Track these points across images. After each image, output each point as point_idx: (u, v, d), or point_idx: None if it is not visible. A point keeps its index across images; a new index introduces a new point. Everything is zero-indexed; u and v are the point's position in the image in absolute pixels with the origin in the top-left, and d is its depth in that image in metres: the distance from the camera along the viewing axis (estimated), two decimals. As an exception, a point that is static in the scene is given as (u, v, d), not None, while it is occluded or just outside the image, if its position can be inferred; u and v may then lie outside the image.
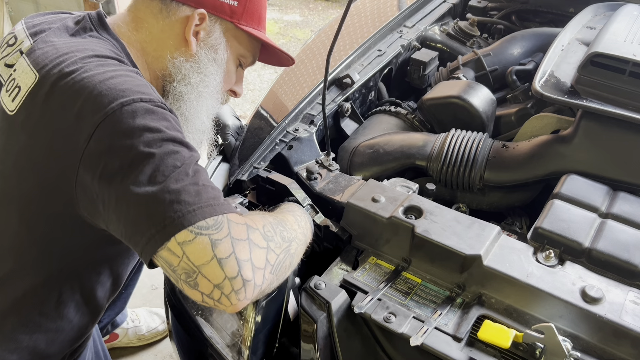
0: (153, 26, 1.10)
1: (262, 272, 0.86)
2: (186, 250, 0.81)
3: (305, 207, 1.22)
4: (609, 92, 1.28)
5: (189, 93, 1.12)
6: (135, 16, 1.11)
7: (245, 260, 0.83)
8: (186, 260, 0.81)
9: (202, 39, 1.11)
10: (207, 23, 1.10)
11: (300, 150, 1.39)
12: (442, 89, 1.56)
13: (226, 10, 1.11)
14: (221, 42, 1.14)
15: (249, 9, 1.13)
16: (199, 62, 1.12)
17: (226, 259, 0.81)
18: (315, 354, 1.06)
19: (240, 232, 0.85)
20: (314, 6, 5.41)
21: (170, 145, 0.89)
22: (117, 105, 0.89)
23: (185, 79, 1.11)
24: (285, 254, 0.94)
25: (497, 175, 1.33)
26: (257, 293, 0.86)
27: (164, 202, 0.83)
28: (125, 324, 2.09)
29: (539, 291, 0.98)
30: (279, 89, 1.69)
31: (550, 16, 2.06)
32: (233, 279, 0.81)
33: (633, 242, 1.06)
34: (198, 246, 0.81)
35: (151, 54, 1.11)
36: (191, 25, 1.09)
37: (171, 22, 1.09)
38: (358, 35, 1.83)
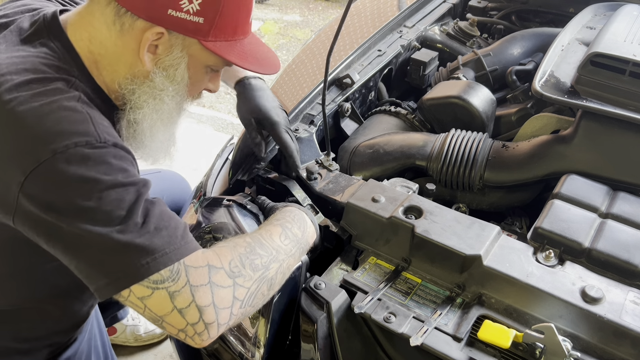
0: (106, 39, 0.96)
1: (229, 311, 0.87)
2: (146, 303, 0.83)
3: (305, 207, 1.22)
4: (609, 92, 1.28)
5: (142, 121, 1.02)
6: (89, 23, 0.97)
7: (207, 306, 0.84)
8: (149, 311, 0.84)
9: (160, 56, 0.98)
10: (167, 39, 0.95)
11: (300, 150, 1.39)
12: (442, 89, 1.56)
13: (189, 28, 0.94)
14: (182, 61, 1.00)
15: (220, 24, 0.96)
16: (155, 84, 1.00)
17: (186, 308, 0.83)
18: (315, 354, 1.07)
19: (200, 277, 0.85)
20: (314, 6, 5.41)
21: (112, 193, 0.84)
22: (49, 153, 0.83)
23: (138, 104, 1.01)
24: (260, 283, 0.93)
25: (497, 175, 1.33)
26: (225, 329, 0.88)
27: (113, 257, 0.82)
28: (125, 321, 2.09)
29: (539, 291, 0.98)
30: (279, 89, 1.69)
31: (550, 16, 2.06)
32: (195, 324, 0.84)
33: (633, 242, 1.06)
34: (157, 300, 0.83)
35: (106, 68, 0.99)
36: (145, 44, 0.95)
37: (125, 37, 0.95)
38: (358, 35, 1.83)
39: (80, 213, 0.82)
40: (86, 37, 0.97)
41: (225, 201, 1.25)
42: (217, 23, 0.95)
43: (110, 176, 0.85)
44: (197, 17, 0.93)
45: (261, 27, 4.89)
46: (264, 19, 5.05)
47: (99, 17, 0.95)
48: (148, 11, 0.91)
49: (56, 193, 0.83)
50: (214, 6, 0.93)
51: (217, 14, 0.94)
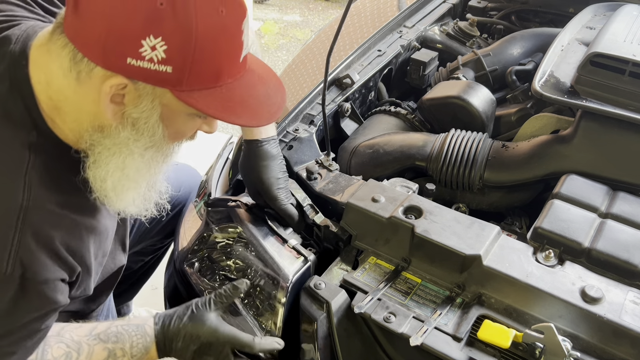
0: (64, 86, 0.84)
1: None
2: None
3: (305, 207, 1.22)
4: (609, 92, 1.28)
5: (105, 179, 0.90)
6: (46, 64, 0.85)
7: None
8: None
9: (126, 107, 0.84)
10: (132, 89, 0.82)
11: (300, 150, 1.39)
12: (442, 89, 1.56)
13: (155, 77, 0.80)
14: (154, 113, 0.86)
15: (195, 71, 0.80)
16: (119, 139, 0.87)
17: None
18: (315, 354, 1.07)
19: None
20: (314, 6, 5.41)
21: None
22: None
23: (99, 161, 0.89)
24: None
25: (497, 175, 1.33)
26: None
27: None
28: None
29: (539, 291, 0.98)
30: (279, 89, 1.69)
31: (550, 16, 2.06)
32: None
33: (633, 242, 1.06)
34: None
35: (68, 116, 0.87)
36: (106, 96, 0.82)
37: (83, 86, 0.83)
38: (358, 35, 1.83)
39: None
40: (44, 81, 0.86)
41: (230, 201, 1.25)
42: (190, 70, 0.80)
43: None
44: (163, 65, 0.78)
45: (261, 27, 4.89)
46: (264, 19, 5.05)
47: (55, 59, 0.83)
48: (105, 59, 0.79)
49: None
50: (184, 53, 0.78)
51: (189, 60, 0.79)
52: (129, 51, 0.77)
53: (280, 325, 1.11)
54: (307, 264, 1.13)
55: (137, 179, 0.94)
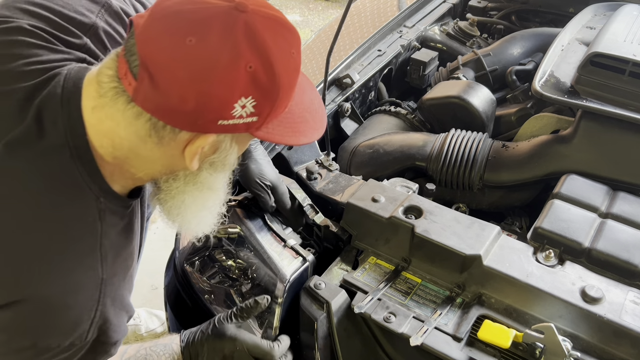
0: (139, 147, 0.84)
1: None
2: None
3: (305, 207, 1.22)
4: (609, 92, 1.28)
5: (184, 213, 0.94)
6: (112, 131, 0.83)
7: None
8: None
9: (206, 154, 0.87)
10: (215, 140, 0.84)
11: (300, 150, 1.39)
12: (442, 89, 1.56)
13: (241, 128, 0.82)
14: (233, 152, 0.89)
15: (274, 112, 0.83)
16: (201, 180, 0.91)
17: None
18: (315, 354, 1.07)
19: None
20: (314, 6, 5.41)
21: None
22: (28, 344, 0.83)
23: (185, 202, 0.92)
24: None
25: (497, 175, 1.33)
26: None
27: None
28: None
29: (539, 291, 0.98)
30: (279, 89, 1.68)
31: (550, 16, 2.06)
32: None
33: (633, 242, 1.06)
34: None
35: (138, 169, 0.88)
36: (194, 154, 0.83)
37: (164, 147, 0.83)
38: (358, 35, 1.83)
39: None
40: (108, 144, 0.84)
41: (230, 201, 1.25)
42: (272, 113, 0.83)
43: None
44: (250, 117, 0.81)
45: (261, 27, 4.89)
46: (264, 19, 5.04)
47: (126, 127, 0.82)
48: (194, 126, 0.79)
49: None
50: (270, 102, 0.81)
51: (273, 105, 0.82)
52: (221, 115, 0.78)
53: (277, 324, 1.10)
54: (305, 264, 1.13)
55: (215, 204, 0.98)
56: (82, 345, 0.88)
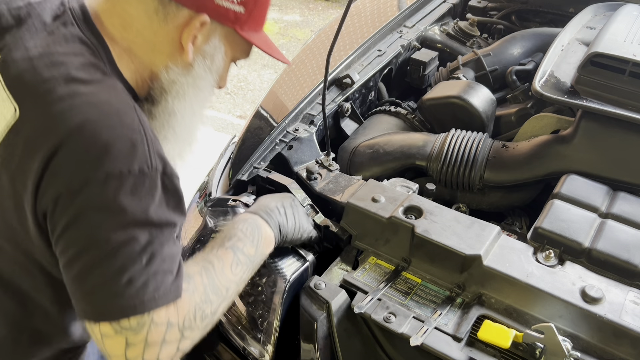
0: (146, 27, 0.93)
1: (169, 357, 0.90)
2: (105, 341, 0.87)
3: (305, 207, 1.22)
4: (609, 92, 1.28)
5: (183, 109, 1.01)
6: (123, 10, 0.93)
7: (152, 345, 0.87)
8: (102, 347, 0.88)
9: (198, 46, 0.96)
10: (207, 28, 0.95)
11: (300, 150, 1.39)
12: (442, 89, 1.56)
13: (230, 17, 0.95)
14: (220, 50, 0.99)
15: (255, 15, 0.97)
16: (195, 73, 0.99)
17: (133, 358, 0.87)
18: (315, 354, 1.07)
19: (157, 335, 0.87)
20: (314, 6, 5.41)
21: (138, 230, 0.84)
22: (101, 176, 0.81)
23: (180, 94, 0.99)
24: (204, 330, 0.95)
25: (497, 175, 1.33)
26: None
27: (103, 291, 0.84)
28: None
29: (539, 291, 0.98)
30: (279, 89, 1.69)
31: (550, 16, 2.06)
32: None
33: (633, 242, 1.06)
34: (114, 343, 0.86)
35: (140, 58, 0.96)
36: (190, 32, 0.93)
37: (168, 26, 0.92)
38: (358, 35, 1.83)
39: (101, 243, 0.82)
40: (119, 24, 0.93)
41: (230, 201, 1.25)
42: (253, 13, 0.97)
43: (148, 213, 0.84)
44: (239, 6, 0.94)
45: (261, 27, 4.89)
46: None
47: (137, 5, 0.92)
48: (195, 1, 0.91)
49: (92, 215, 0.82)
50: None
51: (256, 3, 0.96)
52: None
53: (277, 324, 1.10)
54: (305, 264, 1.13)
55: (202, 107, 1.05)
56: (153, 174, 0.86)
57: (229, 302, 0.99)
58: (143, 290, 0.84)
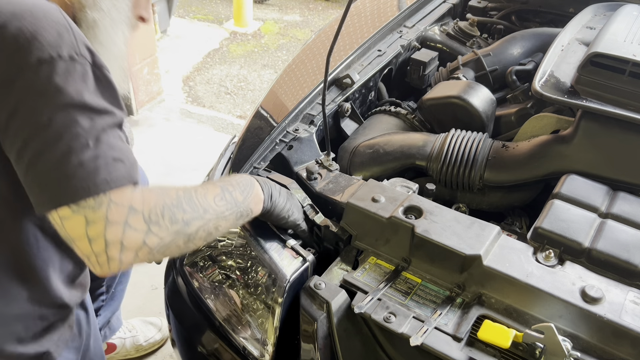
0: None
1: (134, 253, 0.89)
2: (65, 225, 0.87)
3: (305, 207, 1.22)
4: (609, 92, 1.28)
5: (102, 19, 1.03)
6: None
7: (113, 242, 0.87)
8: (63, 230, 0.88)
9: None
10: None
11: (300, 150, 1.39)
12: (442, 89, 1.56)
13: None
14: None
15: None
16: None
17: (95, 238, 0.87)
18: (315, 354, 1.07)
19: (118, 214, 0.87)
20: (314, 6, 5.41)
21: (77, 113, 0.86)
22: (33, 61, 0.84)
23: (96, 4, 1.02)
24: (176, 236, 0.93)
25: (497, 175, 1.33)
26: (127, 267, 0.91)
27: (55, 176, 0.85)
28: (123, 333, 2.07)
29: (539, 291, 0.98)
30: (279, 89, 1.69)
31: (550, 16, 2.06)
32: (98, 255, 0.87)
33: (633, 242, 1.06)
34: (73, 223, 0.87)
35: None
36: None
37: None
38: (358, 35, 1.83)
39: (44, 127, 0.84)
40: None
41: None
42: None
43: (84, 95, 0.87)
44: None
45: (261, 27, 4.89)
46: (264, 19, 5.05)
47: None
48: None
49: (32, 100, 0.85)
50: None
51: None
52: None
53: (277, 324, 1.10)
54: (305, 264, 1.13)
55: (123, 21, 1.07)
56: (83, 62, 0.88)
57: (206, 228, 0.98)
58: (95, 173, 0.86)
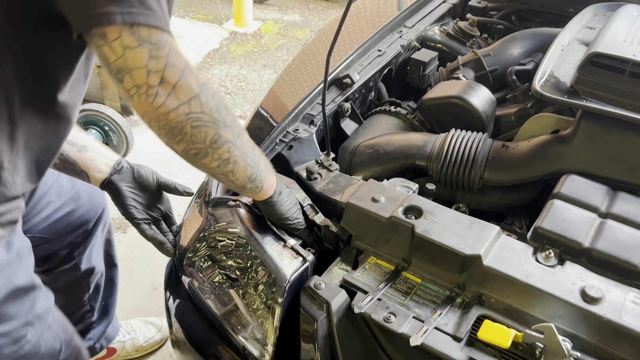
0: None
1: (178, 102, 0.89)
2: (127, 53, 0.86)
3: (305, 207, 1.22)
4: (609, 92, 1.28)
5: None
6: None
7: (169, 83, 0.88)
8: (123, 60, 0.86)
9: None
10: None
11: (300, 150, 1.39)
12: (442, 89, 1.56)
13: None
14: None
15: None
16: None
17: (154, 72, 0.87)
18: (315, 354, 1.07)
19: (178, 62, 0.89)
20: (314, 6, 5.41)
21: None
22: None
23: None
24: (212, 123, 0.94)
25: (497, 175, 1.33)
26: (162, 113, 0.90)
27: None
28: (122, 337, 2.07)
29: (539, 291, 0.98)
30: (279, 89, 1.69)
31: (550, 16, 2.06)
32: (150, 88, 0.88)
33: (633, 242, 1.06)
34: (137, 54, 0.86)
35: None
36: None
37: None
38: (358, 35, 1.83)
39: None
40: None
41: (230, 201, 1.25)
42: None
43: None
44: None
45: (261, 27, 4.88)
46: (264, 19, 5.05)
47: None
48: None
49: None
50: None
51: None
52: None
53: (277, 324, 1.10)
54: (305, 264, 1.13)
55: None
56: None
57: (230, 150, 0.98)
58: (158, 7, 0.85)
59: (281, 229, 1.20)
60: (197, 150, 0.96)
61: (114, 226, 2.62)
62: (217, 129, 0.95)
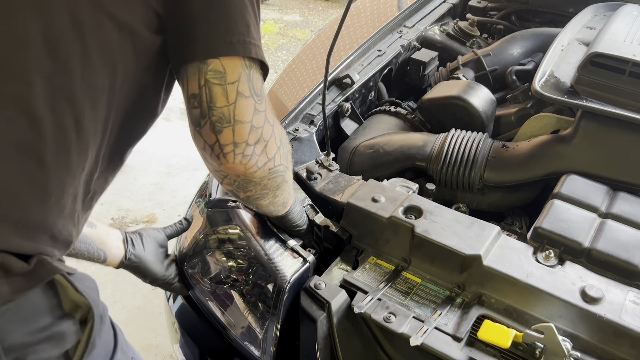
0: None
1: (267, 159, 0.83)
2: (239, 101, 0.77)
3: (305, 207, 1.22)
4: (609, 92, 1.28)
5: None
6: None
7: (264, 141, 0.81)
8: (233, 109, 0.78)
9: None
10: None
11: (300, 150, 1.39)
12: (442, 89, 1.56)
13: None
14: None
15: None
16: None
17: (257, 128, 0.80)
18: (316, 354, 1.07)
19: (271, 117, 0.83)
20: (314, 6, 5.41)
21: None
22: None
23: None
24: (284, 168, 0.90)
25: (497, 175, 1.33)
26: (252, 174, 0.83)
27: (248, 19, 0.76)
28: None
29: (539, 291, 0.98)
30: (279, 88, 1.69)
31: (550, 16, 2.06)
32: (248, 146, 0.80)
33: (633, 242, 1.06)
34: (247, 106, 0.78)
35: None
36: None
37: None
38: (358, 35, 1.83)
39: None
40: None
41: (230, 202, 1.25)
42: None
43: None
44: None
45: (261, 27, 4.89)
46: (264, 19, 5.05)
47: None
48: None
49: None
50: None
51: None
52: None
53: (278, 324, 1.11)
54: (305, 265, 1.13)
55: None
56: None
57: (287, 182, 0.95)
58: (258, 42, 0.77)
59: (281, 229, 1.20)
60: (260, 195, 0.91)
61: (114, 226, 2.61)
62: (285, 175, 0.91)
